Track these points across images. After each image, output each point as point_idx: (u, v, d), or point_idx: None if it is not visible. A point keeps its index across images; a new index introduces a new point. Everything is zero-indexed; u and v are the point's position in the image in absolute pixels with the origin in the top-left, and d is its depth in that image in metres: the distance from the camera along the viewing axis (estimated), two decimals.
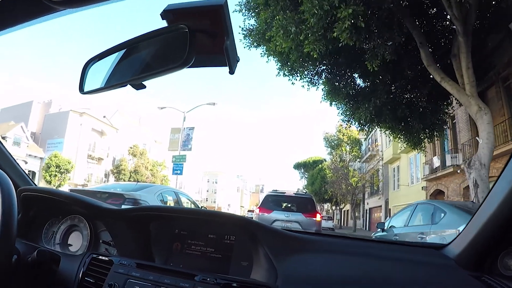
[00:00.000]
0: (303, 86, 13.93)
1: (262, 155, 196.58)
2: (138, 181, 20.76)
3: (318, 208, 14.02)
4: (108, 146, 49.37)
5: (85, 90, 1.07)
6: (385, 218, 30.57)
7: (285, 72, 13.01)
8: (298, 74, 13.25)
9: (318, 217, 10.63)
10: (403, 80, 12.06)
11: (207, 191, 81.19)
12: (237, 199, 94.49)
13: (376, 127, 14.87)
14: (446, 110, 14.05)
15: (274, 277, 1.23)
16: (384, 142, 33.00)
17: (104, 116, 50.22)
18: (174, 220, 1.64)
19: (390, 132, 14.29)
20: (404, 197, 26.66)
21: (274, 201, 11.14)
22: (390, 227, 8.52)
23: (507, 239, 1.11)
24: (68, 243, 1.76)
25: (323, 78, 13.66)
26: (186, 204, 9.82)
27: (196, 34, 0.81)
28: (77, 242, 1.74)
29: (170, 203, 8.94)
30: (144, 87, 0.95)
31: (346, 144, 38.97)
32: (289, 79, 13.41)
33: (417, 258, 1.33)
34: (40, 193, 1.74)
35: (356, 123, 14.12)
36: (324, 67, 13.13)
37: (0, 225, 1.02)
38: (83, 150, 44.89)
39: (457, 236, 1.32)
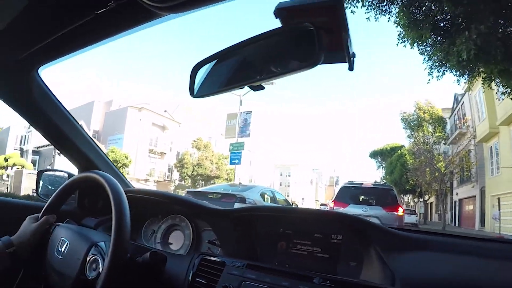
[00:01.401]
0: (368, 18, 10.06)
1: (336, 145, 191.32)
2: (241, 183, 21.18)
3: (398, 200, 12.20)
4: (171, 141, 49.91)
5: (196, 94, 1.11)
6: (480, 211, 26.38)
7: None
8: None
9: (400, 211, 9.73)
10: None
11: (280, 184, 78.92)
12: (312, 193, 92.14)
13: (482, 70, 10.04)
14: None
15: (389, 279, 1.18)
16: (476, 114, 27.70)
17: (165, 111, 50.91)
18: (279, 219, 1.66)
19: (503, 79, 9.83)
20: (509, 183, 21.96)
21: (350, 193, 10.49)
22: None
23: None
24: (169, 241, 1.86)
25: (396, 6, 9.68)
26: (279, 200, 11.16)
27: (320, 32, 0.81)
28: (177, 241, 1.83)
29: (268, 199, 10.30)
30: (263, 88, 0.98)
31: (428, 124, 34.55)
32: (347, 6, 9.47)
33: None
34: (141, 194, 1.95)
35: (453, 68, 9.92)
36: None
37: (116, 226, 1.13)
38: (143, 145, 45.70)
39: None
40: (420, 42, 9.85)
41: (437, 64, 10.18)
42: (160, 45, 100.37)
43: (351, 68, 0.88)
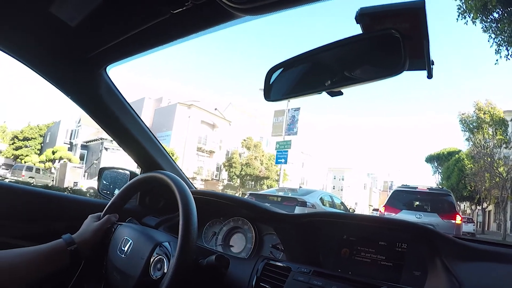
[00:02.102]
0: None
1: (391, 149, 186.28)
2: (301, 187, 21.62)
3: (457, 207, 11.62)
4: (220, 139, 49.76)
5: (271, 98, 1.14)
6: None
7: None
8: None
9: (458, 219, 9.02)
10: None
11: (333, 188, 77.73)
12: (365, 197, 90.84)
13: None
14: None
15: None
16: None
17: (215, 109, 51.02)
18: (343, 226, 1.64)
19: None
20: None
21: (403, 198, 9.85)
22: None
23: None
24: (229, 244, 1.89)
25: None
26: (337, 205, 11.89)
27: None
28: (238, 244, 1.84)
29: (327, 204, 10.85)
30: (341, 93, 0.98)
31: (488, 126, 32.94)
32: None
33: None
34: (205, 196, 1.94)
35: None
36: None
37: (183, 227, 1.15)
38: (192, 142, 45.95)
39: None
40: (483, 17, 8.99)
41: (505, 40, 9.28)
42: (214, 43, 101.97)
43: (430, 76, 0.87)
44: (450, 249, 1.31)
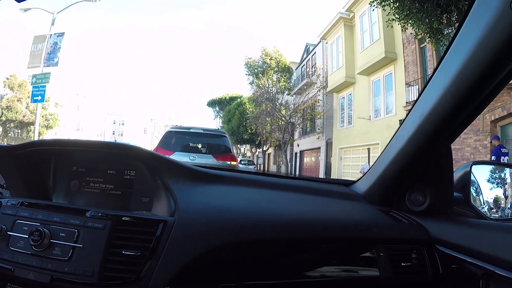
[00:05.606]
0: None
1: (172, 91, 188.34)
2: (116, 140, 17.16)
3: (234, 150, 10.77)
4: None
5: None
6: (325, 163, 26.13)
7: None
8: None
9: (233, 161, 8.87)
10: None
11: (113, 133, 79.19)
12: (147, 142, 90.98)
13: None
14: None
15: (174, 211, 1.19)
16: (330, 64, 25.96)
17: None
18: (72, 157, 1.53)
19: None
20: (361, 136, 20.67)
21: (176, 139, 8.87)
22: None
23: (414, 176, 1.24)
24: None
25: None
26: None
27: None
28: None
29: None
30: None
31: (273, 72, 32.84)
32: None
33: (327, 192, 1.44)
34: None
35: None
36: None
37: None
38: None
39: (365, 174, 1.42)
40: None
41: None
42: None
43: None
44: (175, 175, 1.32)
